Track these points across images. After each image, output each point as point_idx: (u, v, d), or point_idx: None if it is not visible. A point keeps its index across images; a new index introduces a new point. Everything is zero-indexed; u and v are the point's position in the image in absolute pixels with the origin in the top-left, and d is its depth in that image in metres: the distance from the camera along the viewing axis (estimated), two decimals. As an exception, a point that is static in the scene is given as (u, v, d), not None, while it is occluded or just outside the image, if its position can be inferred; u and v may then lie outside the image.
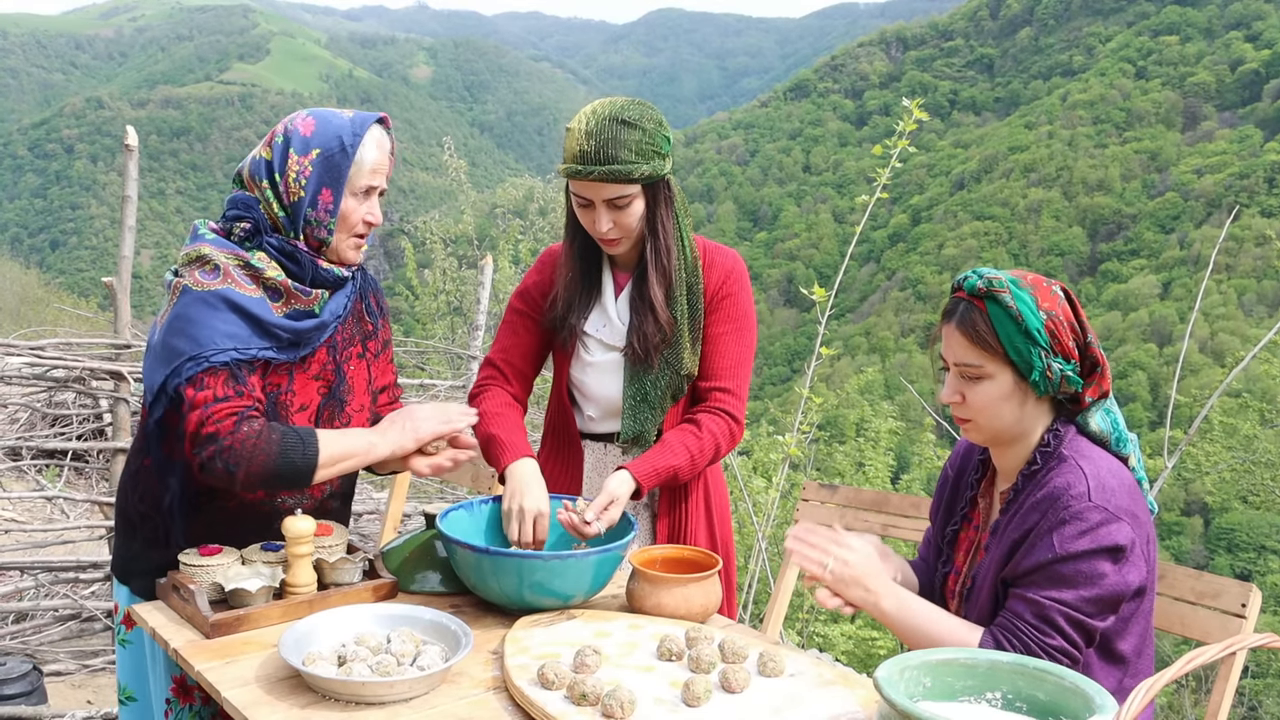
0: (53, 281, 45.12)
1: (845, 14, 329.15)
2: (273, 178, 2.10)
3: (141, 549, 2.15)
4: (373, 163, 2.13)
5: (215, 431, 1.96)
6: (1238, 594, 2.03)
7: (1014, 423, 1.90)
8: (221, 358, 1.99)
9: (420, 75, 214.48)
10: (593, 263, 2.46)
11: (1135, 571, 1.77)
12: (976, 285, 1.88)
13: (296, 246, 2.10)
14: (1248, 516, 25.10)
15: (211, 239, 2.09)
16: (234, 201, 2.13)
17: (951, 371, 1.93)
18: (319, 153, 2.09)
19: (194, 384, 1.98)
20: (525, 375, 2.53)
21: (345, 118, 2.14)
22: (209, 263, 2.04)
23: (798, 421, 5.61)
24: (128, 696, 2.23)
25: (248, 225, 2.10)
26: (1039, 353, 1.83)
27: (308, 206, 2.10)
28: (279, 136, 2.12)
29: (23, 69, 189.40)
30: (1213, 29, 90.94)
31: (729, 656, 1.82)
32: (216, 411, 1.97)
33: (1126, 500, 1.79)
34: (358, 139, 2.11)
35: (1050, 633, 1.74)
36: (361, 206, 2.14)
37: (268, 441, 1.98)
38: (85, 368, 5.09)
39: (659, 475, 2.31)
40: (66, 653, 4.60)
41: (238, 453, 1.95)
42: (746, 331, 2.46)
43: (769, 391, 40.23)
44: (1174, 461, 4.97)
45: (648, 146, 2.25)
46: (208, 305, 2.01)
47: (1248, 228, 56.37)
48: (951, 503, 2.13)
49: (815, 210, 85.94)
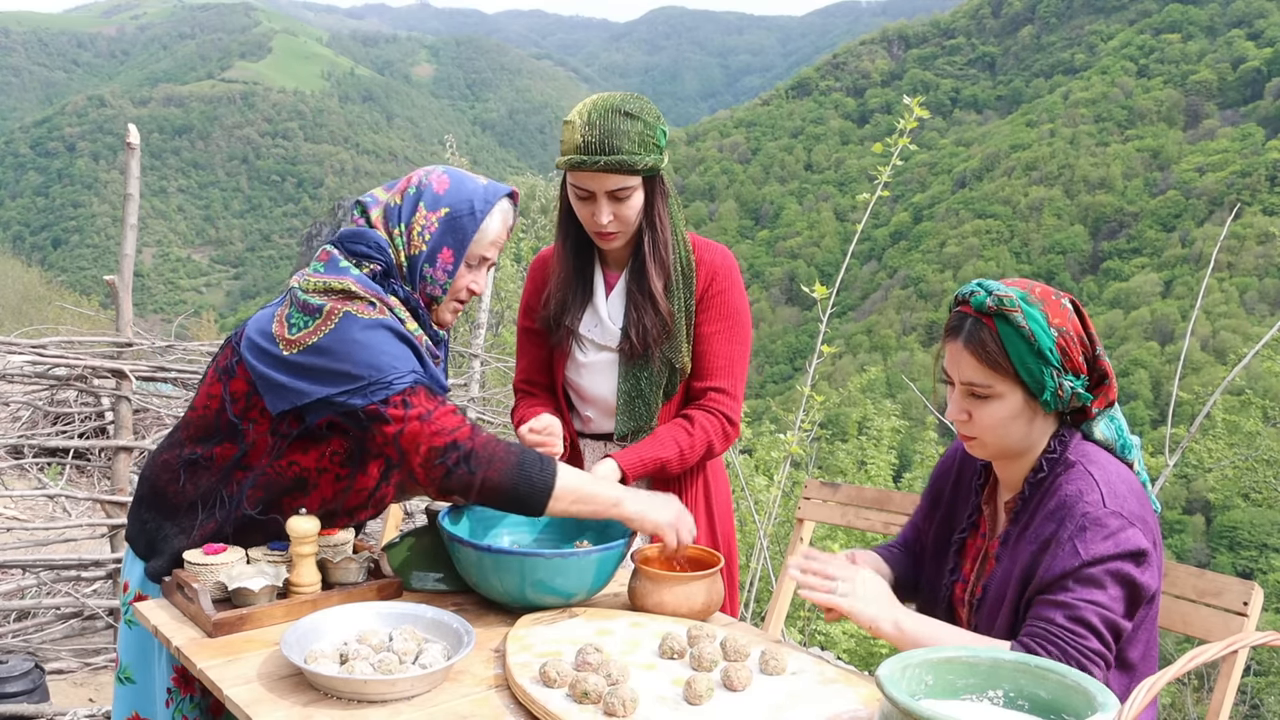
0: (55, 279, 45.20)
1: (847, 12, 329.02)
2: (399, 225, 2.10)
3: (173, 532, 2.13)
4: (495, 234, 2.13)
5: (454, 439, 1.94)
6: (1239, 592, 2.02)
7: (1021, 439, 1.86)
8: (412, 378, 1.97)
9: (422, 73, 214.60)
10: (585, 260, 2.46)
11: (1154, 576, 1.77)
12: (985, 303, 1.81)
13: (419, 302, 2.10)
14: (1250, 514, 25.11)
15: (356, 275, 2.05)
16: (363, 236, 2.09)
17: (958, 389, 1.88)
18: (447, 211, 2.08)
19: (393, 405, 1.94)
20: (549, 386, 2.56)
21: (480, 184, 2.14)
22: (361, 299, 2.02)
23: (799, 419, 5.60)
24: (127, 677, 2.22)
25: (378, 268, 2.08)
26: (1051, 372, 1.80)
27: (425, 262, 2.09)
28: (412, 187, 2.12)
29: (25, 67, 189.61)
30: (1215, 27, 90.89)
31: (731, 654, 1.82)
32: (443, 420, 1.95)
33: (1136, 506, 1.79)
34: (489, 206, 2.11)
35: (1087, 635, 1.71)
36: (470, 275, 2.14)
37: (507, 451, 1.96)
38: (87, 366, 5.09)
39: (645, 465, 2.33)
40: (68, 651, 4.60)
41: (480, 456, 1.94)
42: (740, 329, 2.45)
43: (771, 390, 40.25)
44: (1176, 459, 4.97)
45: (648, 138, 2.25)
46: (381, 332, 1.99)
47: (1249, 226, 56.41)
48: (952, 508, 2.09)
49: (817, 208, 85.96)
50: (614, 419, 2.45)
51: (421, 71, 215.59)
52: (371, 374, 1.95)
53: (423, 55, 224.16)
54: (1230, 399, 10.16)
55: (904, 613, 1.83)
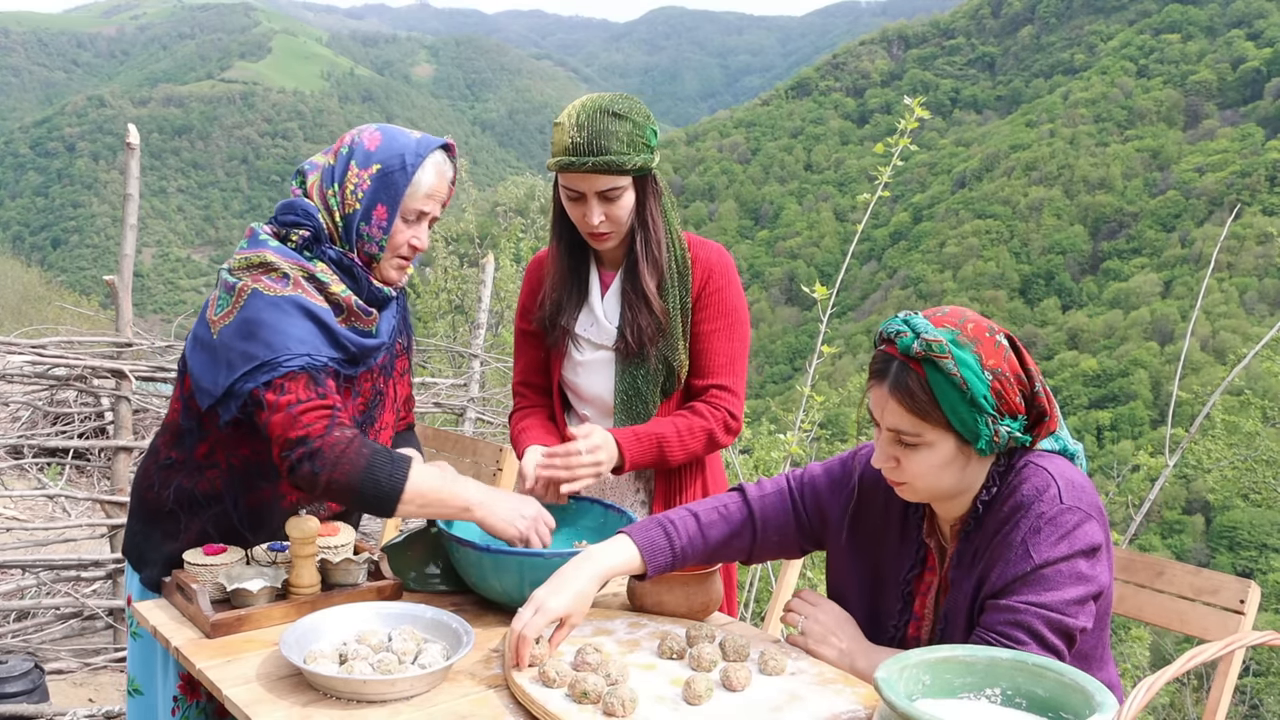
0: (54, 280, 45.16)
1: (847, 12, 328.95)
2: (332, 186, 2.10)
3: (160, 540, 2.15)
4: (429, 187, 2.12)
5: (305, 434, 1.94)
6: (1236, 590, 2.02)
7: (954, 484, 1.75)
8: (298, 362, 1.97)
9: (422, 73, 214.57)
10: (579, 261, 2.47)
11: (1104, 569, 1.72)
12: (912, 347, 1.67)
13: (354, 261, 2.10)
14: (1249, 514, 25.12)
15: (275, 246, 2.06)
16: (292, 206, 2.11)
17: (884, 434, 1.74)
18: (379, 168, 2.08)
19: (273, 389, 1.95)
20: (546, 389, 2.56)
21: (412, 138, 2.13)
22: (276, 270, 2.03)
23: (799, 420, 5.61)
24: (135, 689, 2.24)
25: (306, 234, 2.08)
26: (986, 420, 1.67)
27: (361, 220, 2.09)
28: (344, 147, 2.12)
29: (25, 67, 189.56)
30: (1214, 27, 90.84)
31: (730, 655, 1.82)
32: (305, 413, 1.95)
33: (1094, 496, 1.74)
34: (420, 159, 2.10)
35: (1027, 640, 1.64)
36: (409, 230, 2.13)
37: (357, 454, 1.95)
38: (87, 366, 5.10)
39: (639, 439, 2.33)
40: (68, 651, 4.60)
41: (326, 456, 1.93)
42: (738, 326, 2.45)
43: (770, 390, 40.24)
44: (1176, 459, 4.97)
45: (637, 138, 2.26)
46: (280, 310, 2.00)
47: (1249, 226, 56.37)
48: (879, 548, 1.94)
49: (817, 208, 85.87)
50: (611, 418, 2.46)
51: (421, 71, 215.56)
52: (265, 354, 1.97)
53: (422, 55, 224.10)
54: (1230, 399, 10.15)
55: (862, 646, 1.84)
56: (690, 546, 1.96)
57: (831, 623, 1.89)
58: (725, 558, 2.03)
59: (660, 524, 1.95)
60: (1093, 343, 55.71)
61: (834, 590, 2.04)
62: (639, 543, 1.91)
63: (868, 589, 1.96)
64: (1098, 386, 49.28)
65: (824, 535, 2.02)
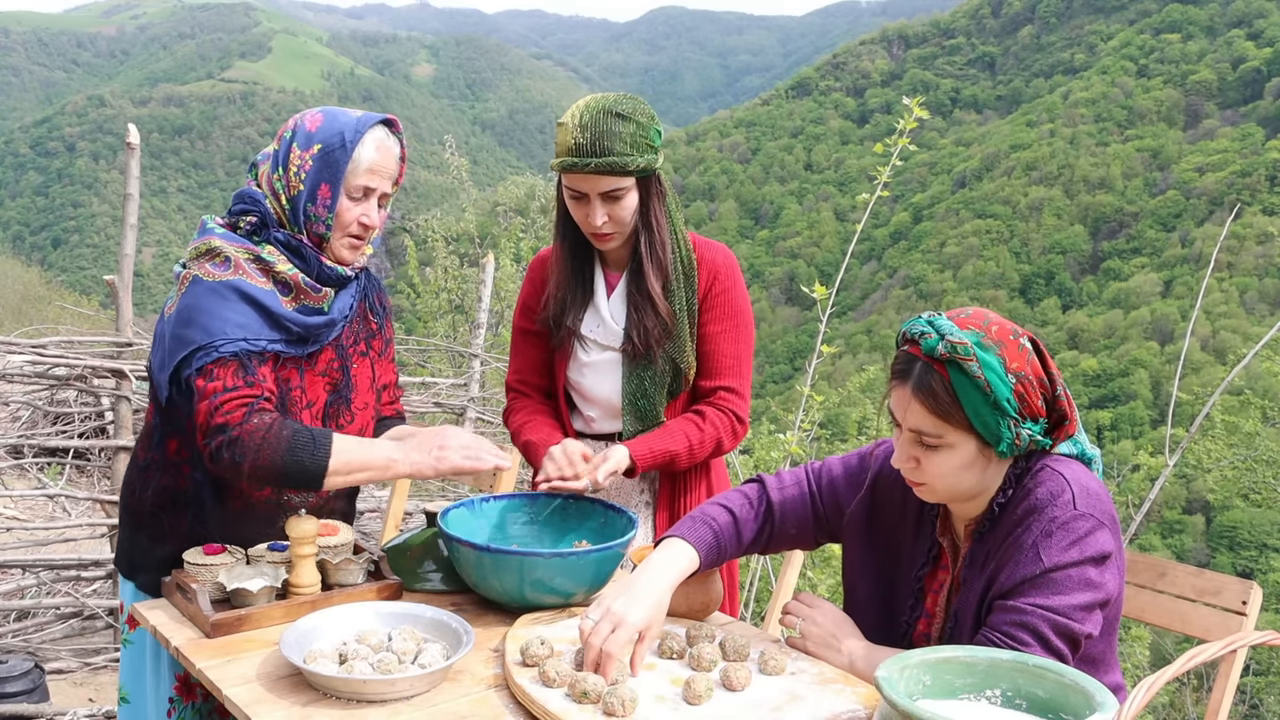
0: (55, 279, 45.11)
1: (847, 12, 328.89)
2: (277, 170, 2.11)
3: (147, 544, 2.15)
4: (370, 163, 2.12)
5: (225, 422, 1.95)
6: (1238, 591, 2.02)
7: (974, 485, 1.76)
8: (231, 348, 1.99)
9: (422, 73, 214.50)
10: (584, 261, 2.46)
11: (1114, 576, 1.72)
12: (937, 349, 1.67)
13: (302, 242, 2.10)
14: (1249, 514, 25.11)
15: (221, 233, 2.09)
16: (240, 196, 2.14)
17: (906, 435, 1.75)
18: (320, 148, 2.09)
19: (204, 375, 1.97)
20: (544, 389, 2.55)
21: (352, 116, 2.14)
22: (219, 255, 2.05)
23: (799, 419, 5.61)
24: (123, 697, 2.24)
25: (254, 219, 2.10)
26: (1007, 423, 1.69)
27: (306, 201, 2.10)
28: (288, 131, 2.14)
29: (25, 67, 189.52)
30: (1214, 27, 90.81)
31: (730, 654, 1.82)
32: (226, 402, 1.96)
33: (1108, 504, 1.74)
34: (359, 135, 2.10)
35: (1031, 642, 1.64)
36: (357, 207, 2.13)
37: (277, 437, 1.96)
38: (87, 366, 5.10)
39: (655, 456, 2.34)
40: (68, 651, 4.60)
41: (245, 444, 1.94)
42: (743, 327, 2.46)
43: (770, 390, 40.21)
44: (1175, 459, 4.97)
45: (641, 139, 2.26)
46: (218, 295, 2.01)
47: (1249, 226, 56.37)
48: (895, 545, 1.96)
49: (817, 208, 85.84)
50: (617, 419, 2.45)
51: (421, 71, 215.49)
52: (201, 338, 1.98)
53: (423, 55, 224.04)
54: (1230, 399, 10.15)
55: (860, 647, 1.84)
56: (731, 543, 1.99)
57: (830, 624, 1.89)
58: (748, 550, 2.06)
59: (704, 522, 1.97)
60: (1093, 342, 55.70)
61: (847, 584, 2.05)
62: (693, 542, 1.92)
63: (881, 584, 1.97)
64: (1098, 386, 49.26)
65: (839, 529, 2.04)
